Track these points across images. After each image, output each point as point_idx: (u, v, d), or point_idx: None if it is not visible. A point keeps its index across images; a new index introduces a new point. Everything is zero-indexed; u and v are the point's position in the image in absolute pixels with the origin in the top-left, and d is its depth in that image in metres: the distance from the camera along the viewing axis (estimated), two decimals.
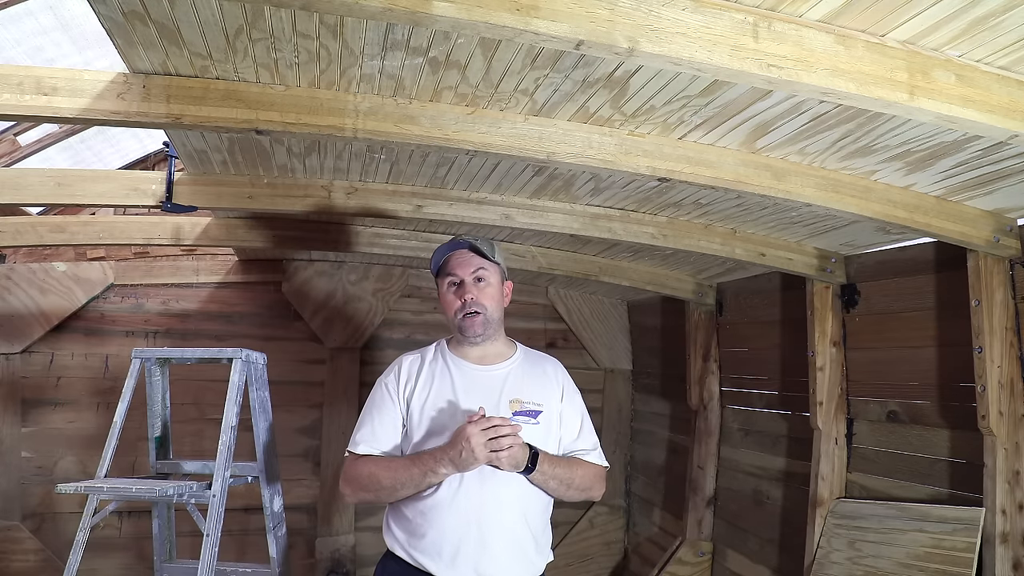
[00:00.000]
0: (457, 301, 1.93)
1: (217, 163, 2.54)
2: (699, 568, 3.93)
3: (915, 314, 2.78)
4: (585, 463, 1.94)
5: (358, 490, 1.87)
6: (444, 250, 1.99)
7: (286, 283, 4.36)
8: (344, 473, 1.91)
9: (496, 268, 1.99)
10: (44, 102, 1.73)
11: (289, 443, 4.25)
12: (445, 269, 1.97)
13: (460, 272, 1.94)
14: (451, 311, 1.94)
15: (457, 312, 1.92)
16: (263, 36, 1.58)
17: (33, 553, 3.90)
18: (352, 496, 1.90)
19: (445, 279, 1.97)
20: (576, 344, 4.91)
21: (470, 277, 1.93)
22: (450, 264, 1.96)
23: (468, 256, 1.96)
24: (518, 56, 1.64)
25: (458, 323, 1.93)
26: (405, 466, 1.80)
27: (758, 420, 3.73)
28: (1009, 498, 2.31)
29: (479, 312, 1.91)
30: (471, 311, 1.91)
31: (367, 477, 1.85)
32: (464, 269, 1.94)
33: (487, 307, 1.92)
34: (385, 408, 1.92)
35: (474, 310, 1.91)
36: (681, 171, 2.07)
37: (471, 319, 1.91)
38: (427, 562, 1.79)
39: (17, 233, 3.24)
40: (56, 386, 4.08)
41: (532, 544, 1.88)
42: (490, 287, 1.95)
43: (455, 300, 1.93)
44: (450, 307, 1.95)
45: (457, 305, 1.92)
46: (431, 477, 1.76)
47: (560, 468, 1.86)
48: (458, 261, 1.96)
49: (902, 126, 1.82)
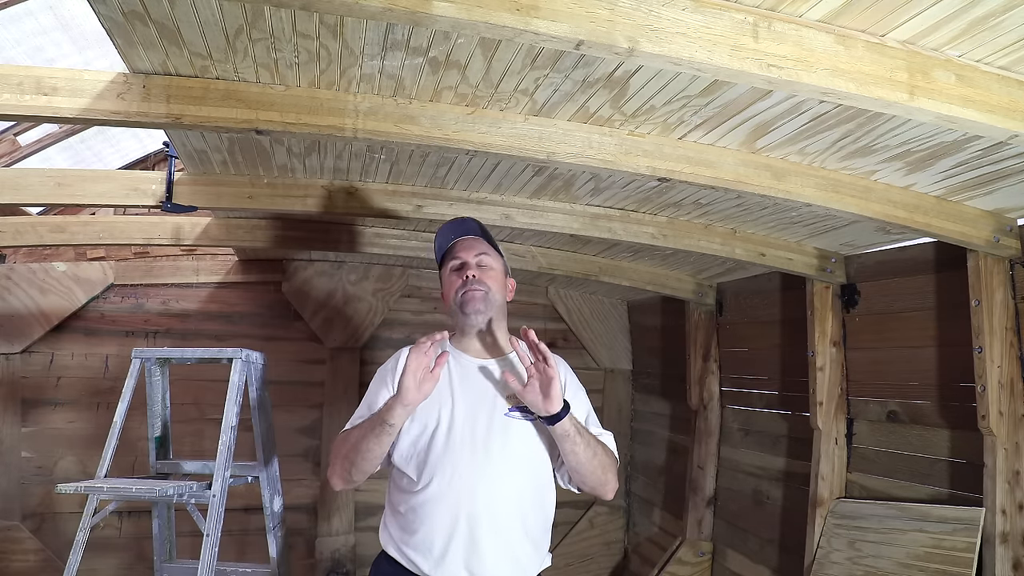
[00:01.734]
0: (459, 280, 1.90)
1: (217, 163, 2.54)
2: (699, 568, 3.93)
3: (915, 314, 2.78)
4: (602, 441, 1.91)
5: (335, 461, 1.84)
6: (448, 233, 1.99)
7: (286, 283, 4.36)
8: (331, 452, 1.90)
9: (500, 259, 1.99)
10: (44, 102, 1.73)
11: (289, 443, 4.25)
12: (448, 256, 1.97)
13: (463, 255, 1.93)
14: (452, 290, 1.91)
15: (458, 290, 1.88)
16: (263, 36, 1.58)
17: (33, 553, 3.90)
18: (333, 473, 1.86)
19: (448, 264, 1.96)
20: (576, 344, 4.91)
21: (473, 259, 1.93)
22: (455, 249, 1.97)
23: (472, 241, 1.97)
24: (518, 56, 1.64)
25: (459, 300, 1.88)
26: (368, 419, 1.80)
27: (758, 420, 3.73)
28: (1009, 498, 2.31)
29: (481, 288, 1.87)
30: (473, 287, 1.87)
31: (340, 442, 1.84)
32: (467, 252, 1.94)
33: (490, 287, 1.89)
34: (381, 394, 1.89)
35: (476, 287, 1.87)
36: (681, 171, 2.07)
37: (472, 293, 1.86)
38: (418, 559, 1.77)
39: (17, 233, 3.24)
40: (56, 386, 4.08)
41: (527, 546, 1.83)
42: (493, 271, 1.94)
43: (456, 279, 1.91)
44: (451, 287, 1.91)
45: (459, 283, 1.89)
46: (384, 415, 1.72)
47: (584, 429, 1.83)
48: (463, 245, 1.96)
49: (902, 126, 1.82)
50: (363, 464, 1.80)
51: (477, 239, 1.98)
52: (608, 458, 1.88)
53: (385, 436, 1.75)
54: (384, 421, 1.73)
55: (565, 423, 1.75)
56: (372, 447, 1.76)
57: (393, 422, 1.73)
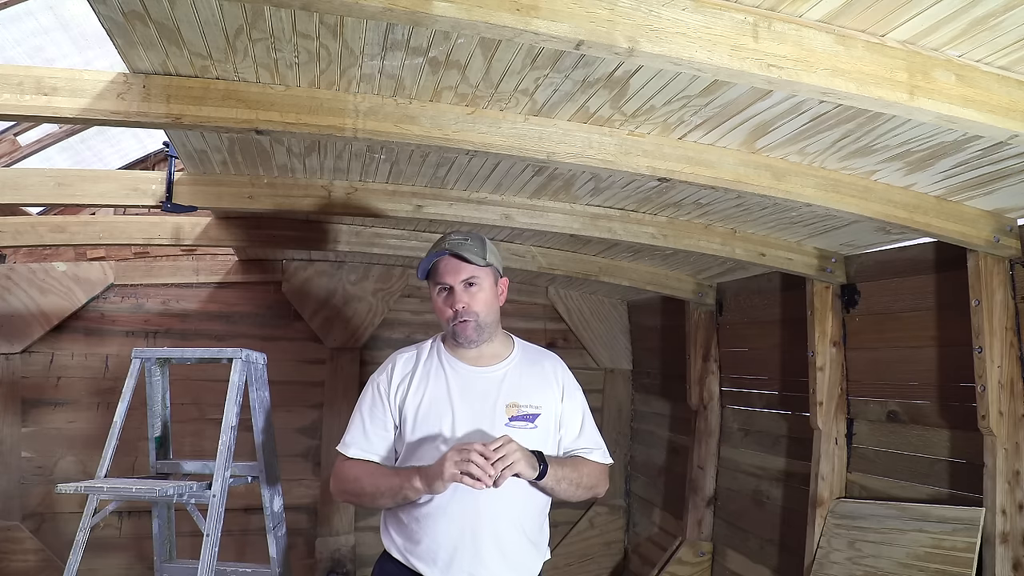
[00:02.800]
0: (448, 310, 1.87)
1: (217, 163, 2.54)
2: (699, 568, 3.93)
3: (915, 314, 2.78)
4: (589, 462, 1.93)
5: (343, 492, 1.92)
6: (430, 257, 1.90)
7: (286, 283, 4.36)
8: (334, 472, 1.94)
9: (487, 270, 1.91)
10: (44, 102, 1.73)
11: (289, 443, 4.25)
12: (434, 275, 1.90)
13: (449, 279, 1.87)
14: (443, 317, 1.91)
15: (449, 320, 1.88)
16: (263, 36, 1.58)
17: (33, 553, 3.90)
18: (338, 495, 1.95)
19: (435, 285, 1.91)
20: (576, 344, 4.91)
21: (460, 284, 1.87)
22: (439, 270, 1.88)
23: (456, 262, 1.87)
24: (518, 56, 1.64)
25: (452, 329, 1.89)
26: (387, 477, 1.82)
27: (758, 420, 3.73)
28: (1009, 498, 2.31)
29: (470, 319, 1.86)
30: (462, 320, 1.86)
31: (352, 481, 1.88)
32: (453, 276, 1.86)
33: (479, 313, 1.87)
34: (376, 411, 1.91)
35: (465, 318, 1.86)
36: (681, 171, 2.07)
37: (463, 325, 1.86)
38: (422, 567, 1.80)
39: (17, 233, 3.24)
40: (56, 386, 4.08)
41: (529, 548, 1.88)
42: (482, 291, 1.88)
43: (445, 308, 1.89)
44: (442, 314, 1.91)
45: (448, 313, 1.88)
46: (407, 491, 1.75)
47: (567, 469, 1.85)
48: (446, 268, 1.88)
49: (902, 126, 1.81)
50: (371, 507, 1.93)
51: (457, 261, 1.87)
52: (593, 478, 1.93)
53: (403, 501, 1.81)
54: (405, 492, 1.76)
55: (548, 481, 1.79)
56: (386, 503, 1.85)
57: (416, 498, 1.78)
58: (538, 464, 1.75)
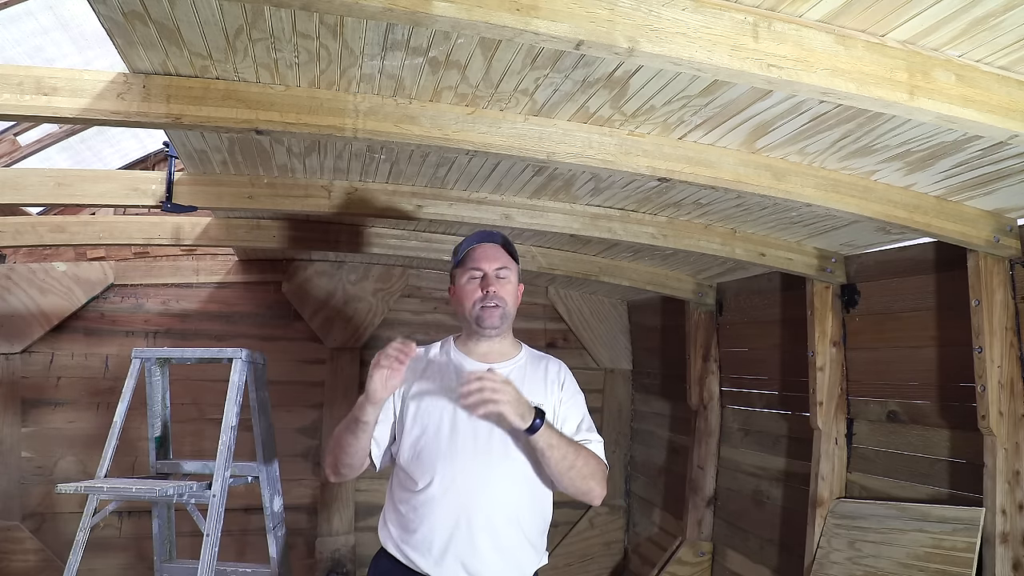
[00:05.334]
0: (478, 291, 1.90)
1: (217, 163, 2.54)
2: (699, 568, 3.93)
3: (915, 314, 2.78)
4: (588, 449, 1.91)
5: (327, 454, 1.94)
6: (474, 240, 1.97)
7: (286, 283, 4.36)
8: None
9: (516, 267, 1.98)
10: (44, 102, 1.73)
11: (289, 443, 4.26)
12: (468, 260, 1.94)
13: (485, 265, 1.92)
14: (469, 301, 1.91)
15: (476, 302, 1.90)
16: (263, 36, 1.58)
17: (33, 553, 3.90)
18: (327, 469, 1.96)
19: (466, 271, 1.93)
20: (576, 344, 4.91)
21: (493, 271, 1.91)
22: (475, 256, 1.94)
23: (496, 251, 1.95)
24: (518, 56, 1.64)
25: (476, 313, 1.90)
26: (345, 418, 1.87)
27: (758, 420, 3.73)
28: (1009, 498, 2.31)
29: (499, 305, 1.90)
30: (491, 303, 1.89)
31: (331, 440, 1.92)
32: (490, 263, 1.92)
33: (507, 302, 1.92)
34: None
35: (494, 303, 1.89)
36: (681, 171, 2.07)
37: (490, 311, 1.89)
38: (417, 557, 1.80)
39: (17, 233, 3.25)
40: (56, 386, 4.08)
41: (526, 547, 1.86)
42: (510, 284, 1.94)
43: (476, 291, 1.91)
44: (468, 297, 1.92)
45: (478, 295, 1.90)
46: (356, 411, 1.79)
47: (564, 441, 1.81)
48: (484, 254, 1.94)
49: (902, 126, 1.82)
50: (345, 458, 1.88)
51: (497, 248, 1.96)
52: (590, 467, 1.86)
53: (360, 432, 1.82)
54: (357, 419, 1.80)
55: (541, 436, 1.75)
56: (350, 442, 1.84)
57: (366, 419, 1.80)
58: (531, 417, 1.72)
